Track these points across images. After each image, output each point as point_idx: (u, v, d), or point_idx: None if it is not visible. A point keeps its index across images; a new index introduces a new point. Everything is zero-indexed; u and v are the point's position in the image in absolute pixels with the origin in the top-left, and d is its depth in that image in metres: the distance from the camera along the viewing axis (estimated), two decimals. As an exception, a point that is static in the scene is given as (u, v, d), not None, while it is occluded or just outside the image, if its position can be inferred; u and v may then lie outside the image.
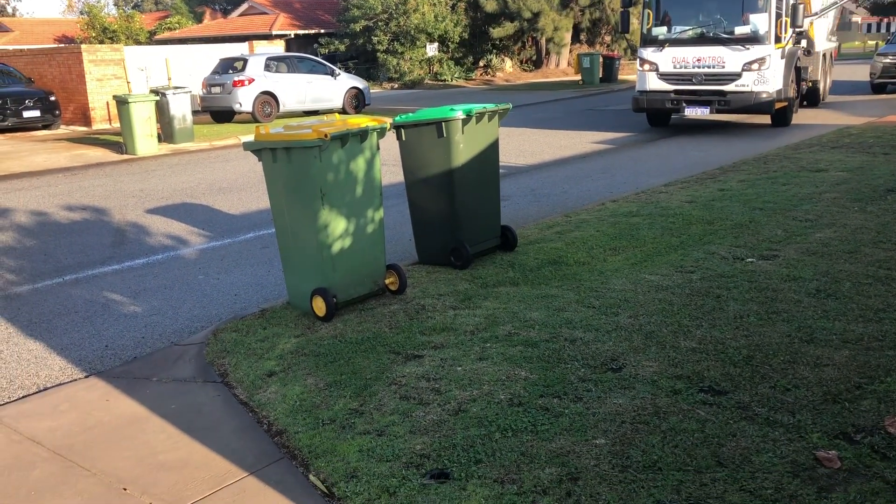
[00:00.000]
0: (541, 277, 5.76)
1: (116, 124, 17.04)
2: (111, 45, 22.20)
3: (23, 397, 4.40)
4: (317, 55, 28.96)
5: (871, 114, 15.86)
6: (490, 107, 6.13)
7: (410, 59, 32.80)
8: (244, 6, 40.97)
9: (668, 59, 14.13)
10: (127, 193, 10.63)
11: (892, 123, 13.82)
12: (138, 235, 8.23)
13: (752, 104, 13.49)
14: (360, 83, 21.64)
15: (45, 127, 18.89)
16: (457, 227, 6.02)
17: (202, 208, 9.51)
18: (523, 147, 13.73)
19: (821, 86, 17.78)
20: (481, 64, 36.39)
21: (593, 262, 6.10)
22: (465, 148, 5.89)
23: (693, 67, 13.84)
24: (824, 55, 17.96)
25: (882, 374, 3.81)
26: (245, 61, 19.68)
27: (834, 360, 4.00)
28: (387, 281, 5.53)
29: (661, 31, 14.44)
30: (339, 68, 23.07)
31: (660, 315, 4.80)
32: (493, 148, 6.26)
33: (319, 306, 5.07)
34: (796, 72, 14.78)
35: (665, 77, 14.21)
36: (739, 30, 13.63)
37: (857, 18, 54.16)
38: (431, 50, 32.56)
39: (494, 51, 36.35)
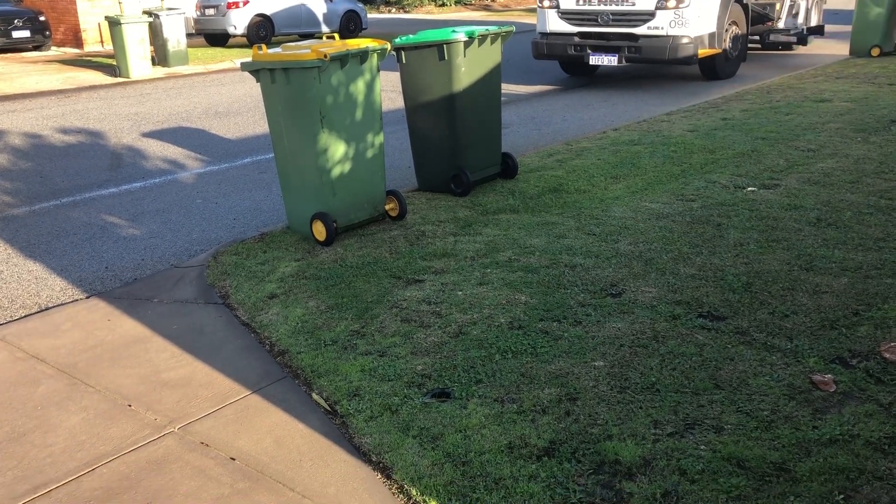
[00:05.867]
0: (541, 205, 5.74)
1: (109, 46, 16.69)
2: (101, -36, 21.51)
3: (24, 316, 4.42)
4: (312, -23, 28.12)
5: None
6: (493, 29, 5.99)
7: (409, -18, 31.95)
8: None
9: None
10: (122, 116, 10.48)
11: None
12: (135, 159, 8.15)
13: (668, 52, 10.84)
14: (356, 7, 21.14)
15: (36, 48, 18.47)
16: (457, 154, 5.96)
17: (199, 132, 9.39)
18: (523, 73, 13.50)
19: (800, 23, 14.75)
20: (481, -12, 35.48)
21: (594, 189, 6.07)
22: (466, 72, 5.79)
23: (598, 4, 11.27)
24: None
25: (879, 302, 3.85)
26: (239, -18, 19.14)
27: (832, 288, 4.03)
28: (387, 207, 5.51)
29: None
30: (336, -9, 22.45)
31: (660, 242, 4.80)
32: (496, 72, 6.15)
33: (320, 231, 5.06)
34: (745, 11, 12.25)
35: (566, 16, 11.61)
36: None
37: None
38: (430, -27, 31.68)
39: (495, -26, 35.39)
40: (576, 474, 2.70)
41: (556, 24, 11.75)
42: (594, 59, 11.42)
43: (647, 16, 10.92)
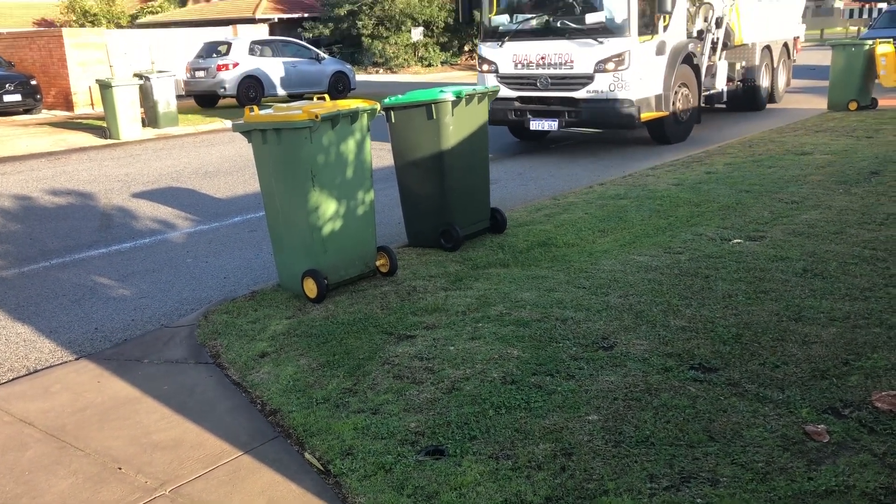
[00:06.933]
0: (531, 259, 5.78)
1: (99, 109, 16.88)
2: (93, 29, 21.93)
3: (13, 380, 4.38)
4: (301, 39, 28.72)
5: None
6: (479, 89, 6.13)
7: (396, 43, 32.60)
8: (227, -11, 40.47)
9: (508, 57, 11.00)
10: (112, 178, 10.54)
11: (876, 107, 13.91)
12: (125, 219, 8.18)
13: (610, 115, 10.38)
14: (344, 68, 21.55)
15: (27, 111, 18.66)
16: (447, 210, 6.03)
17: (188, 192, 9.45)
18: (509, 132, 13.69)
19: (763, 83, 14.61)
20: (466, 49, 36.25)
21: (582, 243, 6.13)
22: (454, 130, 5.89)
23: (537, 68, 10.75)
24: (768, 48, 14.60)
25: (868, 351, 3.87)
26: (229, 45, 19.51)
27: (822, 338, 4.06)
28: (377, 263, 5.53)
29: (501, 21, 11.25)
30: (324, 53, 22.92)
31: (649, 295, 4.83)
32: (483, 130, 6.26)
33: (311, 288, 5.07)
34: (696, 73, 11.79)
35: (505, 80, 11.07)
36: (591, 18, 10.35)
37: (839, 4, 54.34)
38: (416, 34, 32.37)
39: (480, 35, 36.20)
40: (573, 531, 2.67)
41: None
42: (535, 125, 10.96)
43: (586, 79, 10.42)
